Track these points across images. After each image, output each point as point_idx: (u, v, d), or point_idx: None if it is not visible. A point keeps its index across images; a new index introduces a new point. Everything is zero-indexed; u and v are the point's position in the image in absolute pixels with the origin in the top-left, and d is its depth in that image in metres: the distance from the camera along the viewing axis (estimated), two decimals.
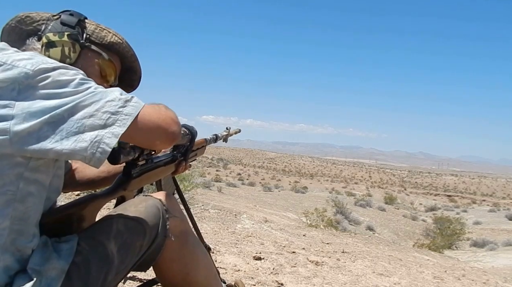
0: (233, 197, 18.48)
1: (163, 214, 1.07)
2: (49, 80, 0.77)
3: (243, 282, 1.87)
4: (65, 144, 0.76)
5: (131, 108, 0.83)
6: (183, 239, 1.12)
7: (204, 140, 1.50)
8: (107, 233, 0.95)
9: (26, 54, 0.81)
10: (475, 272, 5.01)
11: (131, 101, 0.84)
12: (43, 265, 0.82)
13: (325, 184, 73.11)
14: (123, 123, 0.81)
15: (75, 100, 0.78)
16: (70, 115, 0.77)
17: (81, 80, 0.81)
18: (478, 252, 14.64)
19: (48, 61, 0.80)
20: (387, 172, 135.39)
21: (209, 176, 39.67)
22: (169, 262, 1.10)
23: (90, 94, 0.80)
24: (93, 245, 0.91)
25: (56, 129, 0.75)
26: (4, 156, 0.76)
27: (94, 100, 0.79)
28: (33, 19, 1.02)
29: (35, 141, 0.74)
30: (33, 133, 0.74)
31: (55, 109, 0.75)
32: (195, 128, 1.29)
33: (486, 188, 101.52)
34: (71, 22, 1.01)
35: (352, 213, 19.46)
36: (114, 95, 0.82)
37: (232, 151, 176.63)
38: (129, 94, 0.86)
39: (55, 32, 1.00)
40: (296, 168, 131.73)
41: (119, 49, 1.09)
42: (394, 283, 3.24)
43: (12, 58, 0.78)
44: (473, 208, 42.20)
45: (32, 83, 0.75)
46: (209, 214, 6.66)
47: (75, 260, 0.87)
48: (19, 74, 0.75)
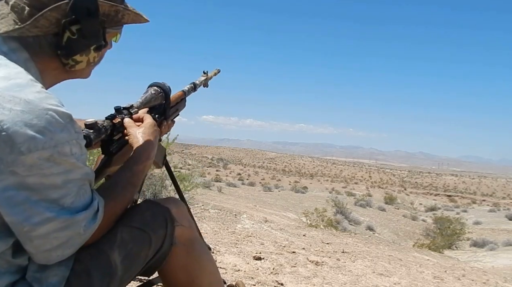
0: (233, 197, 18.50)
1: (170, 223, 1.04)
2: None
3: (243, 282, 1.87)
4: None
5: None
6: (190, 247, 1.09)
7: (182, 92, 1.43)
8: (111, 242, 0.92)
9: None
10: (475, 272, 5.01)
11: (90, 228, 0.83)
12: (43, 272, 0.81)
13: (325, 184, 73.18)
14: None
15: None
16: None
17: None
18: (478, 252, 14.64)
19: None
20: (387, 172, 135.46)
21: (209, 176, 39.71)
22: (174, 269, 1.08)
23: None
24: (95, 254, 0.89)
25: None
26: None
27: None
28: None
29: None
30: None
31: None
32: (167, 84, 1.24)
33: (486, 188, 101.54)
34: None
35: (352, 213, 19.47)
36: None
37: (232, 151, 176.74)
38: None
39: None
40: (296, 168, 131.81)
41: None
42: (394, 283, 3.24)
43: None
44: (473, 208, 42.22)
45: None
46: (209, 214, 6.66)
47: (74, 268, 0.85)
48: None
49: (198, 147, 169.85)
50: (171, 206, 1.08)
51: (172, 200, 1.14)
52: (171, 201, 1.12)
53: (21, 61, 0.82)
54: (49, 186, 0.74)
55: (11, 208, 0.71)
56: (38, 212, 0.73)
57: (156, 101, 1.21)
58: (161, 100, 1.23)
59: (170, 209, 1.06)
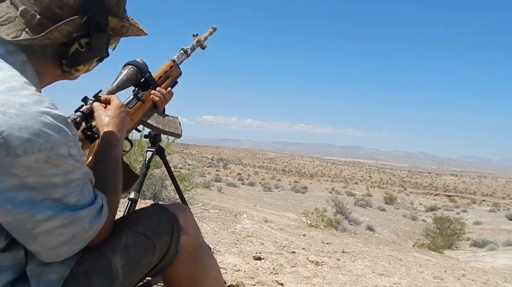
0: (233, 197, 18.50)
1: (176, 231, 1.02)
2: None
3: (243, 282, 1.87)
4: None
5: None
6: (195, 255, 1.09)
7: (171, 61, 1.39)
8: (113, 245, 0.91)
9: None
10: (475, 272, 5.01)
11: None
12: (44, 266, 0.81)
13: (325, 184, 73.12)
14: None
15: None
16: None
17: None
18: (478, 252, 14.63)
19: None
20: (387, 172, 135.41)
21: (209, 176, 39.71)
22: (178, 276, 1.08)
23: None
24: (96, 257, 0.88)
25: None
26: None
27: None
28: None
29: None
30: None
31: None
32: (138, 59, 1.23)
33: (486, 188, 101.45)
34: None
35: (352, 213, 19.47)
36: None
37: (232, 151, 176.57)
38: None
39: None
40: (296, 168, 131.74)
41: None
42: (394, 283, 3.24)
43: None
44: (473, 208, 42.19)
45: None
46: (209, 214, 6.66)
47: (74, 270, 0.84)
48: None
49: (198, 147, 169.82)
50: (179, 213, 1.07)
51: (180, 206, 1.13)
52: (179, 208, 1.10)
53: (18, 64, 0.82)
54: (50, 185, 0.75)
55: (14, 208, 0.72)
56: (41, 210, 0.74)
57: (133, 78, 1.21)
58: (138, 76, 1.22)
59: (177, 216, 1.05)
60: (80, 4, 0.84)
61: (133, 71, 1.20)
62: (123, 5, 0.96)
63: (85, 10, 0.84)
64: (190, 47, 1.47)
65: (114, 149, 0.98)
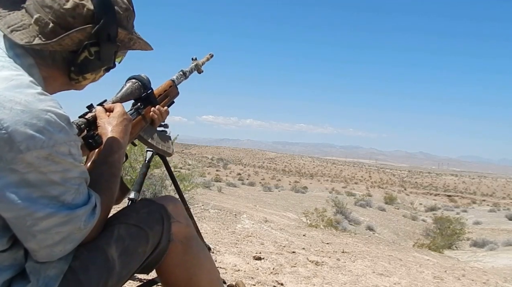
0: (233, 197, 18.51)
1: (166, 219, 1.05)
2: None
3: (243, 282, 1.88)
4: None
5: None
6: (187, 244, 1.11)
7: (171, 81, 1.45)
8: (107, 238, 0.94)
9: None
10: (475, 272, 5.01)
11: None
12: (43, 262, 0.82)
13: (325, 184, 73.18)
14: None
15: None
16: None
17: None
18: (478, 252, 14.64)
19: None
20: (387, 172, 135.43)
21: (209, 176, 39.72)
22: (172, 266, 1.09)
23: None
24: (92, 250, 0.90)
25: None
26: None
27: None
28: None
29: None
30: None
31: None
32: (143, 75, 1.28)
33: (486, 188, 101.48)
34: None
35: (352, 213, 19.48)
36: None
37: (232, 151, 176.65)
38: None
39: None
40: (296, 168, 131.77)
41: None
42: (394, 283, 3.24)
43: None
44: (473, 208, 42.26)
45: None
46: (209, 214, 6.67)
47: (72, 265, 0.86)
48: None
49: (198, 147, 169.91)
50: (167, 203, 1.10)
51: (169, 197, 1.16)
52: (167, 199, 1.14)
53: (25, 66, 0.85)
54: (48, 183, 0.76)
55: (14, 204, 0.73)
56: (40, 208, 0.75)
57: (136, 93, 1.25)
58: (141, 91, 1.26)
59: (166, 206, 1.08)
60: (92, 14, 0.88)
61: (137, 86, 1.25)
62: (132, 20, 1.01)
63: (97, 20, 0.89)
64: (188, 70, 1.55)
65: (114, 154, 1.02)
